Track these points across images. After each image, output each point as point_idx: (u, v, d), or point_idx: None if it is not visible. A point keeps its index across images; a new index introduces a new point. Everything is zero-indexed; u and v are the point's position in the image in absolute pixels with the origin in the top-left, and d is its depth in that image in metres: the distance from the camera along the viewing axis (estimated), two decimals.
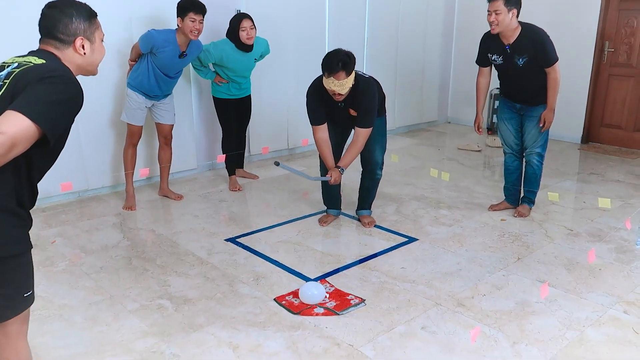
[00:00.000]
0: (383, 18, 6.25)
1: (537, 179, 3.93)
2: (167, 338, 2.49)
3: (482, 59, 3.86)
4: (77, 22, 1.69)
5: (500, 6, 3.45)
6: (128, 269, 3.18)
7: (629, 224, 3.37)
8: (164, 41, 3.81)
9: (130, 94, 3.97)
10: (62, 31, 1.68)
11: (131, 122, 4.03)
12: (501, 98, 3.93)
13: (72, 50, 1.70)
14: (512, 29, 3.55)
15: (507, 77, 3.78)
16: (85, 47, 1.71)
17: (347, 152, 3.51)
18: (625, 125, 5.99)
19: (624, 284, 2.99)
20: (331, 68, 3.19)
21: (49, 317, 2.66)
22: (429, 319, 2.63)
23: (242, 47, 4.22)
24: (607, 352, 2.39)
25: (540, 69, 3.61)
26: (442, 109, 7.45)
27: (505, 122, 3.91)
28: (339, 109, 3.46)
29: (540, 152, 3.84)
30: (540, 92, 3.67)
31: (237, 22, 4.16)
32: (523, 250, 3.42)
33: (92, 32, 1.73)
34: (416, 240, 3.58)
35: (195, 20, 3.79)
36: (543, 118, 3.69)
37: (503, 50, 3.64)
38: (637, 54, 5.78)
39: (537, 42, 3.54)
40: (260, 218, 3.99)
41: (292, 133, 5.68)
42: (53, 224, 3.85)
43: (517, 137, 3.91)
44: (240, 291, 2.91)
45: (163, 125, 4.20)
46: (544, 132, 3.77)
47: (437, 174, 4.20)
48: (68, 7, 1.69)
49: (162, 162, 4.31)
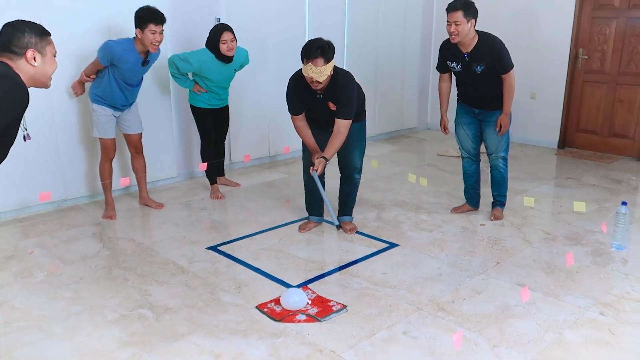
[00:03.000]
0: (362, 26, 6.32)
1: (505, 182, 4.04)
2: (148, 347, 2.47)
3: (442, 66, 3.97)
4: (28, 37, 1.99)
5: (459, 17, 3.56)
6: (108, 278, 3.15)
7: (604, 227, 3.45)
8: (124, 51, 3.73)
9: (97, 109, 3.90)
10: (16, 44, 1.97)
11: (103, 136, 3.97)
12: (459, 104, 4.02)
13: (24, 61, 1.99)
14: (470, 38, 3.66)
15: (465, 83, 3.88)
16: (37, 59, 2.00)
17: (330, 144, 3.48)
18: (600, 131, 6.12)
19: (600, 286, 3.05)
20: (309, 53, 3.21)
21: (27, 329, 2.62)
22: (411, 324, 2.66)
23: (222, 58, 4.21)
24: (584, 353, 2.43)
25: (497, 75, 3.71)
26: (422, 116, 7.53)
27: (463, 126, 4.00)
28: (319, 102, 3.46)
29: (504, 155, 3.95)
30: (497, 97, 3.78)
31: (218, 34, 4.13)
32: (502, 255, 3.47)
33: (44, 46, 2.03)
34: (397, 245, 3.61)
35: (156, 32, 3.72)
36: (499, 122, 3.79)
37: (461, 58, 3.74)
38: (610, 60, 5.92)
39: (494, 51, 3.66)
40: (242, 226, 3.98)
41: (273, 140, 5.68)
42: (31, 235, 3.79)
43: (474, 141, 4.00)
44: (222, 299, 2.90)
45: (131, 136, 4.14)
46: (505, 136, 3.88)
47: (414, 180, 4.25)
48: (22, 25, 2.01)
49: (137, 171, 4.27)
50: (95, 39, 4.03)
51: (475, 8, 3.62)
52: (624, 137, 5.96)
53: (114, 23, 4.25)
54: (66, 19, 4.02)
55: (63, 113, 4.19)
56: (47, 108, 4.04)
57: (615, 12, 5.80)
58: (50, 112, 4.08)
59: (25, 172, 4.04)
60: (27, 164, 4.01)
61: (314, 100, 3.46)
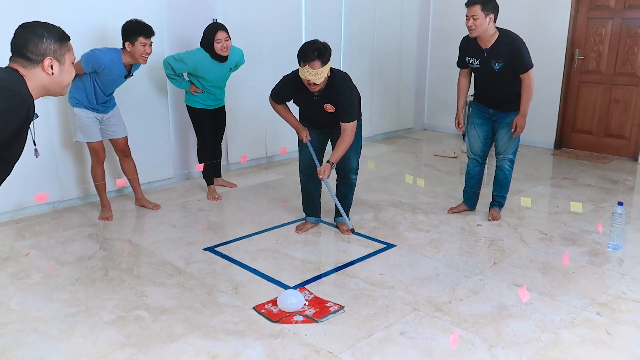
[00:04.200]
0: (359, 26, 6.32)
1: (508, 184, 4.04)
2: (145, 349, 2.46)
3: (462, 62, 3.95)
4: (47, 43, 1.77)
5: (477, 11, 3.55)
6: (104, 280, 3.14)
7: (600, 227, 3.46)
8: (111, 62, 3.70)
9: (78, 112, 3.86)
10: (32, 50, 1.76)
11: (89, 139, 3.93)
12: (474, 104, 4.01)
13: (40, 70, 1.78)
14: (490, 34, 3.64)
15: (482, 81, 3.87)
16: (54, 67, 1.79)
17: (337, 148, 3.50)
18: (596, 131, 6.14)
19: (596, 286, 3.05)
20: (306, 56, 3.21)
21: (23, 330, 2.61)
22: (408, 325, 2.66)
23: (217, 58, 4.20)
24: (581, 353, 2.44)
25: (515, 74, 3.69)
26: (419, 116, 7.54)
27: (475, 127, 3.99)
28: (315, 102, 3.46)
29: (512, 157, 3.95)
30: (513, 98, 3.76)
31: (212, 33, 4.12)
32: (499, 255, 3.47)
33: (63, 53, 1.81)
34: (394, 246, 3.61)
35: (146, 44, 3.71)
36: (515, 123, 3.77)
37: (480, 54, 3.73)
38: (605, 61, 5.94)
39: (514, 48, 3.64)
40: (239, 226, 3.98)
41: (270, 141, 5.68)
42: (27, 236, 3.78)
43: (484, 143, 4.00)
44: (219, 300, 2.90)
45: (117, 140, 4.09)
46: (516, 138, 3.86)
47: (411, 180, 4.25)
48: (39, 28, 1.78)
49: (127, 174, 4.23)
50: (85, 44, 3.99)
51: (495, 3, 3.60)
52: (619, 137, 5.98)
53: (100, 30, 4.23)
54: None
55: (59, 114, 4.18)
56: (44, 109, 4.03)
57: (611, 12, 5.82)
58: (46, 113, 4.06)
59: (21, 173, 4.00)
60: (23, 165, 3.95)
61: (311, 100, 3.47)
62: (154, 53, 4.56)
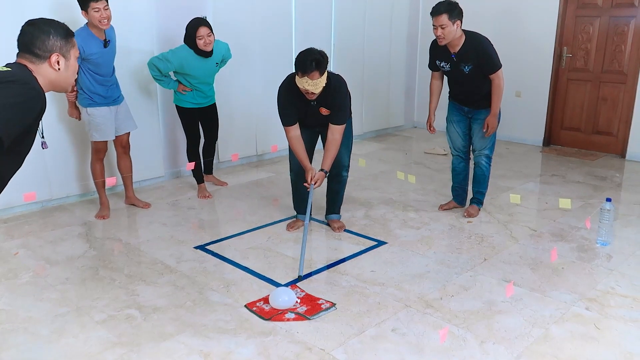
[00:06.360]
0: (350, 24, 6.32)
1: (486, 180, 4.06)
2: (136, 348, 2.45)
3: (433, 65, 3.99)
4: (54, 39, 1.83)
5: (444, 20, 3.57)
6: (95, 279, 3.12)
7: (588, 223, 3.49)
8: (84, 40, 3.59)
9: (93, 112, 3.83)
10: (39, 47, 1.81)
11: (105, 138, 3.92)
12: (450, 101, 4.04)
13: (47, 65, 1.83)
14: (457, 38, 3.67)
15: (454, 82, 3.91)
16: (60, 63, 1.85)
17: (327, 153, 3.50)
18: (584, 128, 6.19)
19: (585, 281, 3.08)
20: (305, 68, 3.17)
21: (13, 331, 2.59)
22: (399, 321, 2.67)
23: (201, 53, 4.17)
24: (570, 347, 2.46)
25: (485, 76, 3.72)
26: (409, 114, 7.56)
27: (453, 124, 4.03)
28: (311, 107, 3.46)
29: (488, 154, 3.97)
30: (486, 96, 3.81)
31: (194, 29, 4.08)
32: (489, 251, 3.50)
33: (68, 49, 1.88)
34: (385, 243, 3.62)
35: (99, 8, 3.56)
36: (486, 123, 3.81)
37: (449, 58, 3.76)
38: (593, 59, 5.98)
39: (481, 51, 3.67)
40: (230, 225, 3.97)
41: (260, 139, 5.67)
42: (15, 235, 3.75)
43: (464, 139, 4.03)
44: (210, 299, 2.89)
45: (122, 135, 4.07)
46: (491, 136, 3.89)
47: (403, 177, 4.27)
48: (46, 25, 1.84)
49: (123, 171, 4.21)
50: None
51: (460, 9, 3.63)
52: (607, 134, 6.03)
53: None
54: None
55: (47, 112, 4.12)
56: None
57: (598, 10, 5.87)
58: None
59: None
60: None
61: (307, 106, 3.46)
62: (142, 52, 4.56)
